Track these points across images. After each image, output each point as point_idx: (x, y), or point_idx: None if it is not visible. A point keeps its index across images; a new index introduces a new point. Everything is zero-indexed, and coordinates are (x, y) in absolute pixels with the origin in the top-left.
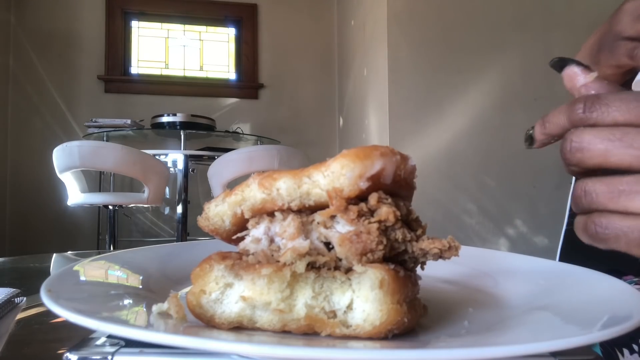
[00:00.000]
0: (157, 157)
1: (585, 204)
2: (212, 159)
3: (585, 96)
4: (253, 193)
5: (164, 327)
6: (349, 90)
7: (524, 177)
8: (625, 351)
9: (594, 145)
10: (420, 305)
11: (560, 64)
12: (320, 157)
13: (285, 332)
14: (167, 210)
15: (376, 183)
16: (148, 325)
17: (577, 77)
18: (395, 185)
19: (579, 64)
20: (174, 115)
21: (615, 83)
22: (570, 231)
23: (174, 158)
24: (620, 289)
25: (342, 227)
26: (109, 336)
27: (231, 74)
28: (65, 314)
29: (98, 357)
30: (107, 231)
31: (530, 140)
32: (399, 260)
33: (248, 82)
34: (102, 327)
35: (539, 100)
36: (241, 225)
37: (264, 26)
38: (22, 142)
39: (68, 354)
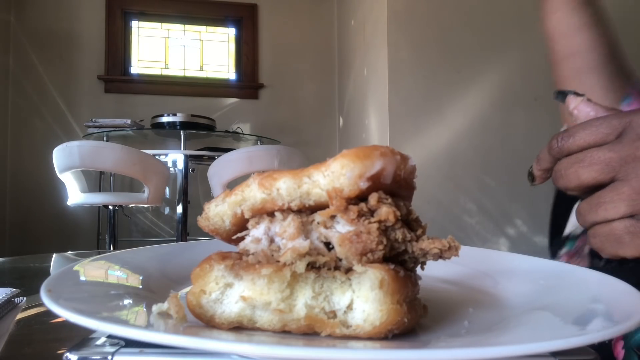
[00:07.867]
0: (157, 157)
1: (581, 224)
2: (212, 159)
3: (557, 133)
4: (253, 193)
5: (164, 327)
6: (349, 90)
7: (524, 177)
8: None
9: (566, 170)
10: (420, 305)
11: (561, 96)
12: (320, 157)
13: (285, 332)
14: (167, 210)
15: (376, 183)
16: (148, 325)
17: (571, 103)
18: (395, 185)
19: (576, 93)
20: (174, 115)
21: (601, 105)
22: None
23: (174, 158)
24: (620, 289)
25: (342, 227)
26: (109, 336)
27: (231, 74)
28: (65, 314)
29: (98, 357)
30: (107, 231)
31: (531, 176)
32: (399, 260)
33: (248, 82)
34: (102, 327)
35: (539, 100)
36: (241, 225)
37: (264, 26)
38: (22, 142)
39: (68, 354)
